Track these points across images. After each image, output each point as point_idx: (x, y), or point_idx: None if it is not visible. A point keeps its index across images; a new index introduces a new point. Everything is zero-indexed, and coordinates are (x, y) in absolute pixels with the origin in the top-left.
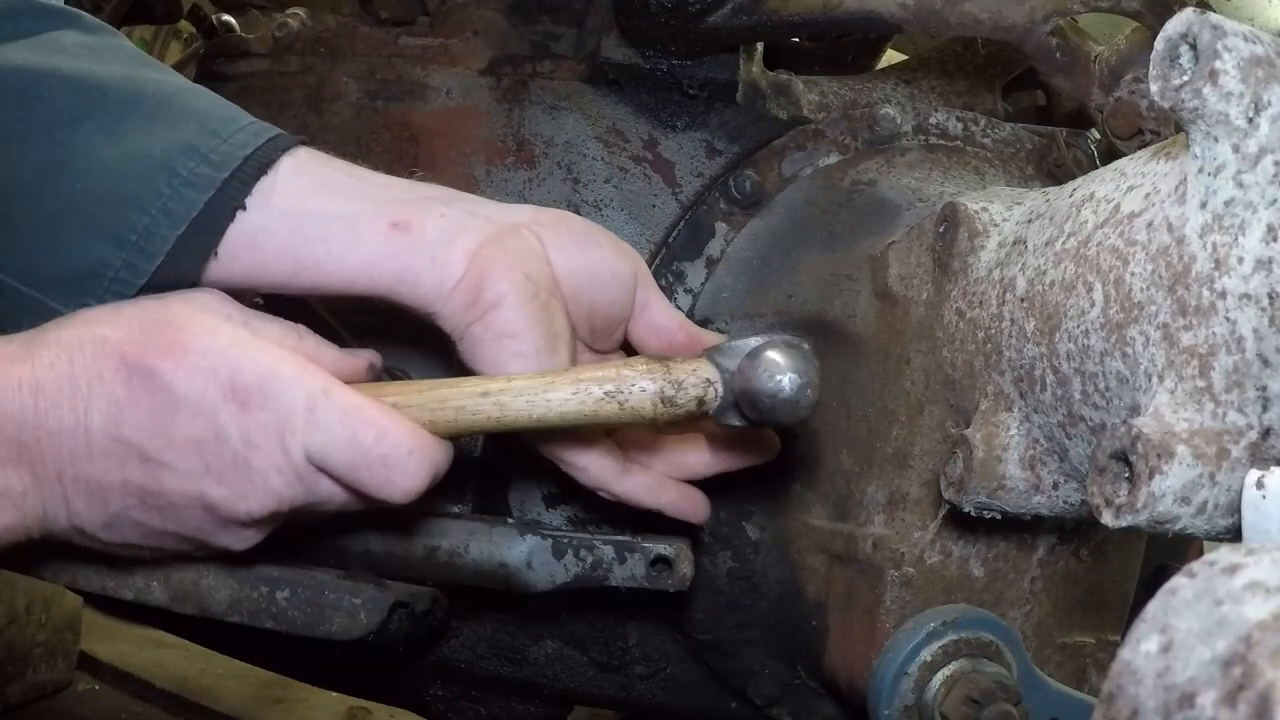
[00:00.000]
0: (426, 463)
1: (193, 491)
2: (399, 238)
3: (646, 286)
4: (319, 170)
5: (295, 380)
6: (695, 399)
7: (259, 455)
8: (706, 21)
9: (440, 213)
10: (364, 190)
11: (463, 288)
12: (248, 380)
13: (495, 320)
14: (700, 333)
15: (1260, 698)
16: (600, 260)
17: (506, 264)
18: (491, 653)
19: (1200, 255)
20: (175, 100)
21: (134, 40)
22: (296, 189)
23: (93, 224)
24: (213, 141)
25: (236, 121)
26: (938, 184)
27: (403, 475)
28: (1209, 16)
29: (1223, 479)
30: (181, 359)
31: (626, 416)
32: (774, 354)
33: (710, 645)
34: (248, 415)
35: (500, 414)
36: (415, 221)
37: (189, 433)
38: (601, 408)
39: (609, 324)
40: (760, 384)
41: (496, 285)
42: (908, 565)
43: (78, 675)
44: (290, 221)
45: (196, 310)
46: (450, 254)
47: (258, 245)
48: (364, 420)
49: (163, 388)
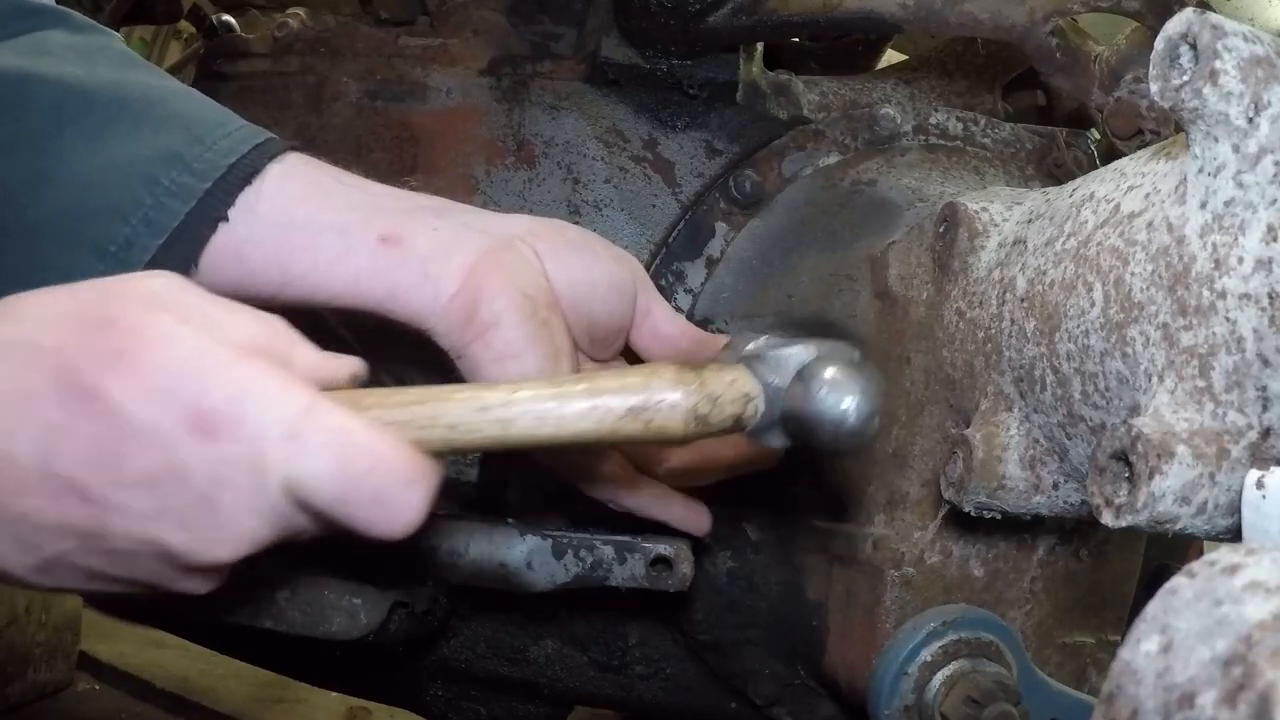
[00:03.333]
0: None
1: (147, 536)
2: (389, 252)
3: (647, 293)
4: (309, 177)
5: (271, 401)
6: (732, 416)
7: (227, 495)
8: (706, 21)
9: (433, 226)
10: (355, 199)
11: (457, 305)
12: (213, 403)
13: (494, 340)
14: (706, 337)
15: (1260, 698)
16: (599, 270)
17: (503, 281)
18: (491, 653)
19: (1200, 255)
20: (162, 105)
21: (134, 40)
22: (285, 198)
23: (73, 236)
24: (197, 149)
25: (224, 127)
26: (938, 184)
27: (399, 510)
28: (1209, 16)
29: (1223, 479)
30: (131, 376)
31: (651, 436)
32: (835, 373)
33: (710, 645)
34: (214, 447)
35: (502, 433)
36: (407, 235)
37: (142, 468)
38: (623, 426)
39: (610, 334)
40: (820, 408)
41: (493, 303)
42: (908, 565)
43: (78, 675)
44: (276, 233)
45: (149, 307)
46: (442, 270)
47: (243, 256)
48: (354, 447)
49: (108, 412)
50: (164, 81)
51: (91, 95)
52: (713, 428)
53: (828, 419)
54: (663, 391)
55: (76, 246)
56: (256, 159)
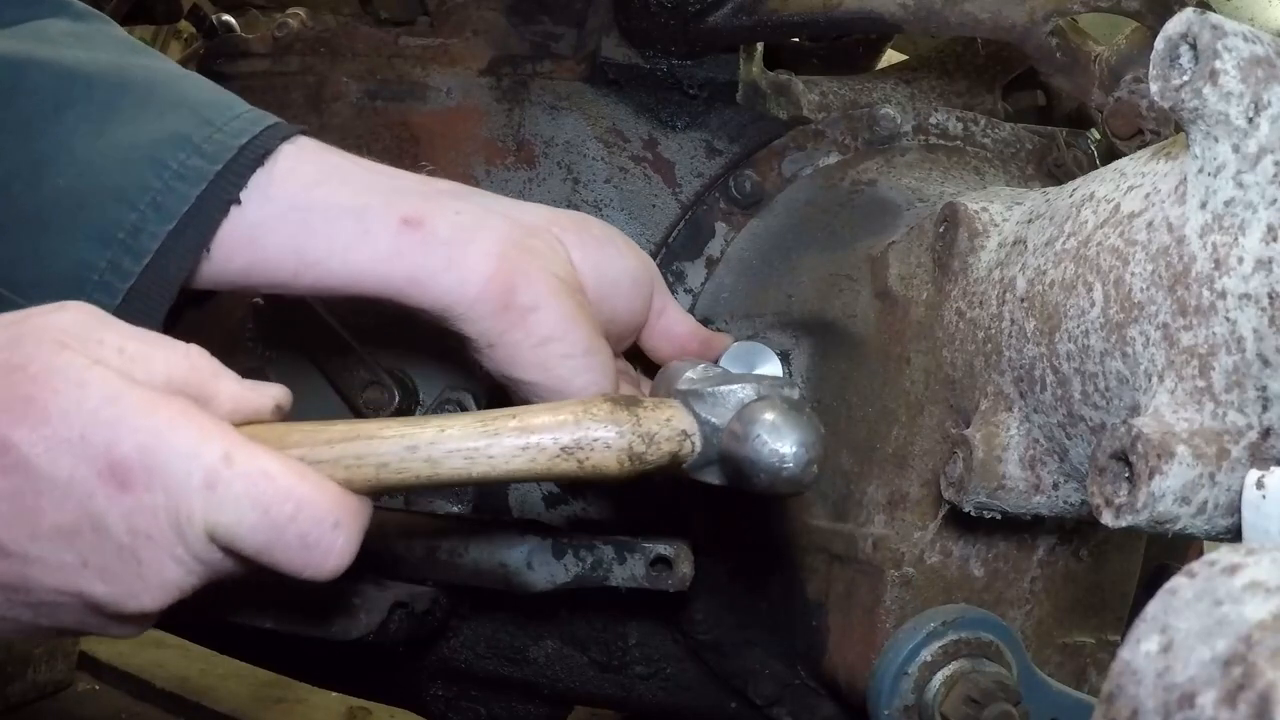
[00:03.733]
0: (354, 534)
1: (69, 588)
2: (410, 235)
3: (661, 292)
4: (324, 160)
5: (188, 448)
6: (668, 454)
7: (149, 546)
8: (706, 21)
9: (455, 209)
10: (373, 182)
11: (491, 292)
12: (127, 453)
13: (536, 325)
14: (713, 337)
15: (1260, 698)
16: (621, 266)
17: (537, 266)
18: (491, 653)
19: (1200, 255)
20: (166, 87)
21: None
22: (299, 181)
23: (76, 222)
24: (205, 130)
25: (232, 109)
26: (938, 184)
27: (326, 554)
28: (1209, 16)
29: (1223, 479)
30: (41, 426)
31: (586, 475)
32: (774, 417)
33: (710, 645)
34: (130, 498)
35: (432, 472)
36: (428, 218)
37: (58, 521)
38: (556, 465)
39: (626, 330)
40: (757, 454)
41: (532, 288)
42: (908, 565)
43: (78, 675)
44: (292, 216)
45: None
46: (467, 255)
47: (256, 242)
48: (276, 492)
49: (18, 465)
50: (167, 65)
51: (92, 78)
52: (649, 465)
53: (763, 466)
54: (597, 429)
55: (79, 234)
56: (268, 140)
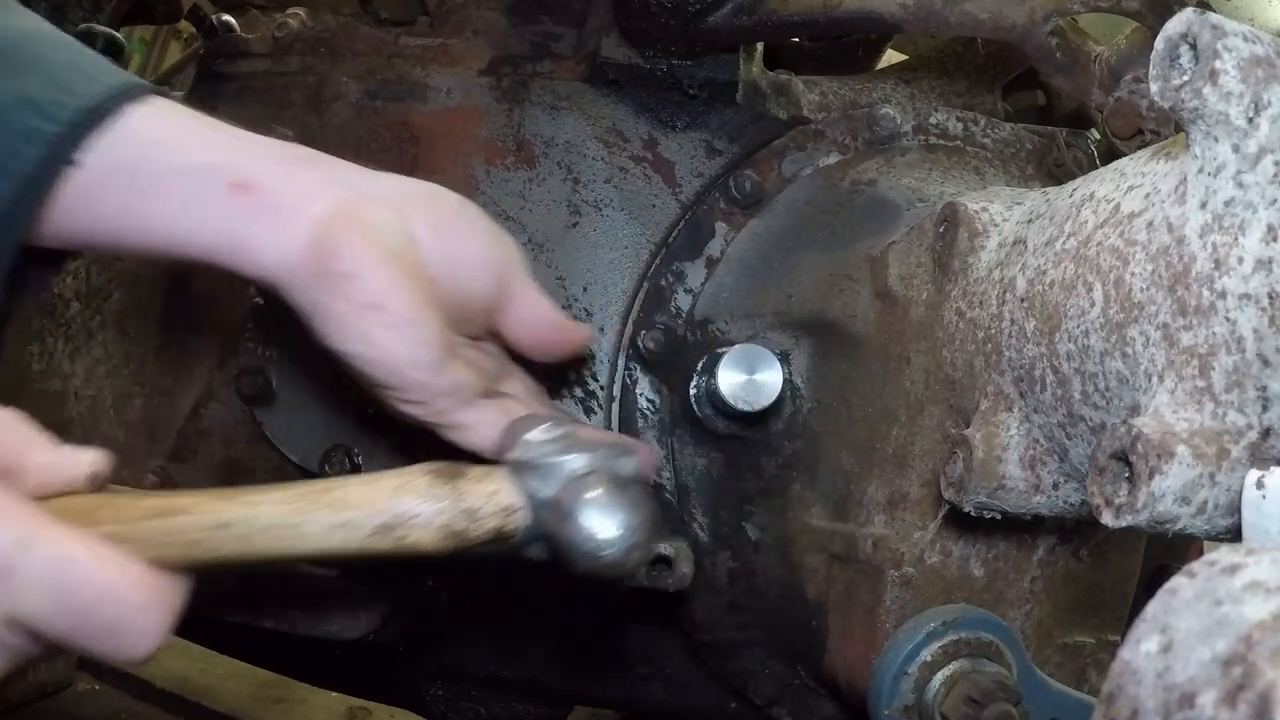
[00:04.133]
0: (164, 617)
1: None
2: (239, 199)
3: (519, 276)
4: (171, 122)
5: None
6: (492, 530)
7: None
8: (706, 21)
9: (295, 176)
10: (217, 143)
11: (310, 259)
12: None
13: (353, 291)
14: (573, 327)
15: (1260, 698)
16: (471, 245)
17: (362, 234)
18: (491, 653)
19: (1200, 255)
20: (24, 49)
21: (134, 40)
22: (139, 141)
23: None
24: (52, 92)
25: (87, 73)
26: (938, 184)
27: (134, 639)
28: (1209, 16)
29: (1223, 479)
30: None
31: (403, 553)
32: (598, 496)
33: (710, 645)
34: None
35: (244, 550)
36: (261, 183)
37: None
38: (371, 544)
39: (477, 313)
40: (576, 538)
41: (353, 255)
42: (908, 565)
43: (78, 675)
44: (124, 178)
45: None
46: (293, 221)
47: (93, 201)
48: (78, 580)
49: None
50: (38, 26)
51: None
52: (470, 542)
53: (583, 549)
54: (414, 506)
55: None
56: (112, 102)
